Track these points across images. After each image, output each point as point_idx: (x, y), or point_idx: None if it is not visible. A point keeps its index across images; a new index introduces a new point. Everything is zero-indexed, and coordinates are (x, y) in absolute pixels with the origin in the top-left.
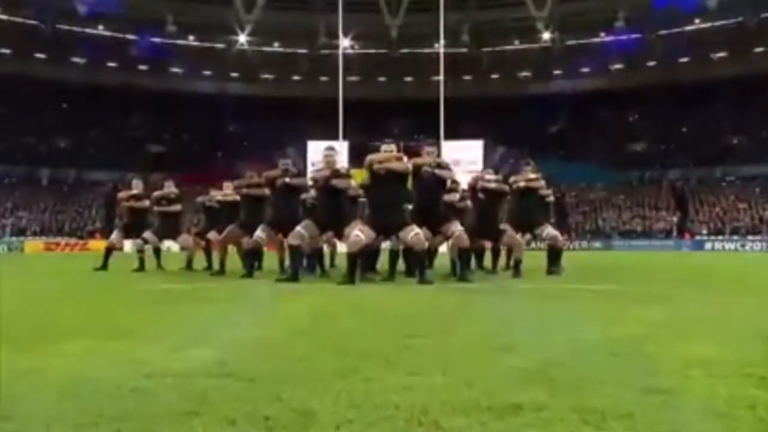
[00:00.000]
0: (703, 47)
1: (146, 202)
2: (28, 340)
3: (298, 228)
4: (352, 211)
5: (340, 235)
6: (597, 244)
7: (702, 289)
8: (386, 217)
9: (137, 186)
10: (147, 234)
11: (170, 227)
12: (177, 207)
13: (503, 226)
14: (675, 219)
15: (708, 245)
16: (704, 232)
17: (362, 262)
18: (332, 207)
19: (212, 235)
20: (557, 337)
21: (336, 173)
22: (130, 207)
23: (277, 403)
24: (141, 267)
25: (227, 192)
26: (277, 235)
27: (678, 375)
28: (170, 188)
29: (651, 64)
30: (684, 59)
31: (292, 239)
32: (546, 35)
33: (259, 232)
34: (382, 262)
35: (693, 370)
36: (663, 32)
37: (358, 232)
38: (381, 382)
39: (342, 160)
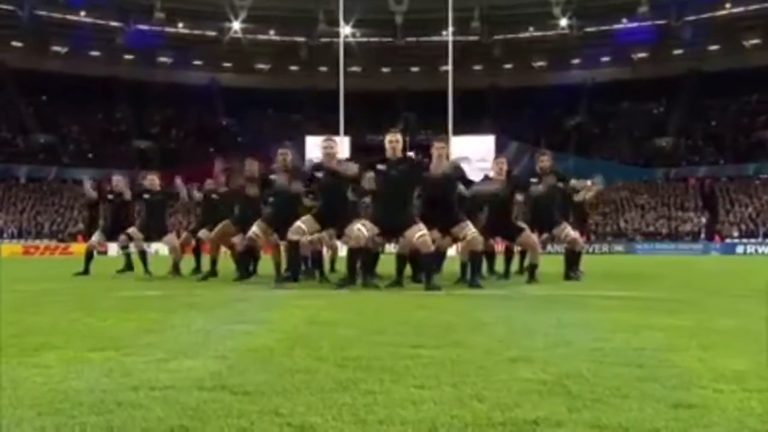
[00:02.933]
0: (733, 34)
1: (128, 196)
2: (4, 350)
3: (298, 222)
4: (354, 209)
5: (340, 234)
6: (619, 247)
7: (733, 297)
8: (391, 215)
9: (118, 183)
10: (131, 229)
11: (155, 223)
12: (159, 197)
13: (521, 224)
14: (703, 220)
15: (740, 249)
16: (735, 234)
17: (362, 266)
18: (335, 200)
19: (203, 233)
20: (576, 347)
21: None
22: (112, 206)
23: (274, 418)
24: (128, 266)
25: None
26: (274, 235)
27: (708, 388)
28: (153, 181)
29: (677, 52)
30: (713, 47)
31: (291, 234)
32: (563, 22)
33: (255, 228)
34: (384, 266)
35: (724, 383)
36: (690, 18)
37: (360, 226)
38: (386, 396)
39: (342, 155)
